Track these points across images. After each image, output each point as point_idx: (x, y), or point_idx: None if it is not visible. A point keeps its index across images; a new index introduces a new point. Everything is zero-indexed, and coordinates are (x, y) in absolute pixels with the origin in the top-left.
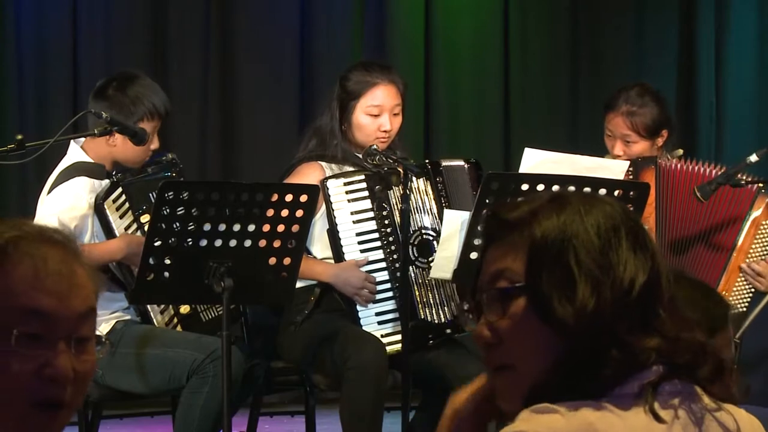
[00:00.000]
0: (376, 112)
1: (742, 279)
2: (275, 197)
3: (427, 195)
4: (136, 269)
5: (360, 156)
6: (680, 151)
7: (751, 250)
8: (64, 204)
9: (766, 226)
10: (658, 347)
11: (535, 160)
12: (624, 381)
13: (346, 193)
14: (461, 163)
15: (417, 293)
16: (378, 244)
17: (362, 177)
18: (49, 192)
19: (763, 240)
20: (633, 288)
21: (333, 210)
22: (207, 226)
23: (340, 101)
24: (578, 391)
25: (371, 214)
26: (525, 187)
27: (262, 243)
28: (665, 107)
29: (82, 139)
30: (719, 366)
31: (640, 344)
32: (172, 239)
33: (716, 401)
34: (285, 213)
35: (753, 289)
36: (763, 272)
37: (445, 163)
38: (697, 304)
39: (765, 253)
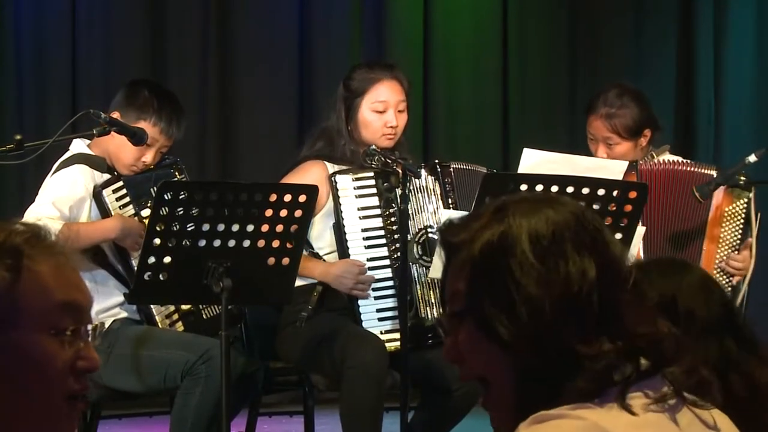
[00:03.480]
0: (381, 108)
1: (718, 272)
2: (274, 197)
3: (434, 194)
4: (132, 256)
5: None
6: (667, 147)
7: (721, 239)
8: (61, 189)
9: (729, 212)
10: (616, 350)
11: (533, 161)
12: (604, 389)
13: (355, 188)
14: (477, 168)
15: (419, 292)
16: (383, 241)
17: (371, 174)
18: (50, 177)
19: (731, 226)
20: (580, 295)
21: (340, 204)
22: (206, 227)
23: (345, 101)
24: (558, 401)
25: (378, 212)
26: (524, 187)
27: (261, 243)
28: (646, 107)
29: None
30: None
31: (593, 350)
32: (171, 239)
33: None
34: (284, 213)
35: (731, 281)
36: (742, 266)
37: (454, 165)
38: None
39: (735, 240)
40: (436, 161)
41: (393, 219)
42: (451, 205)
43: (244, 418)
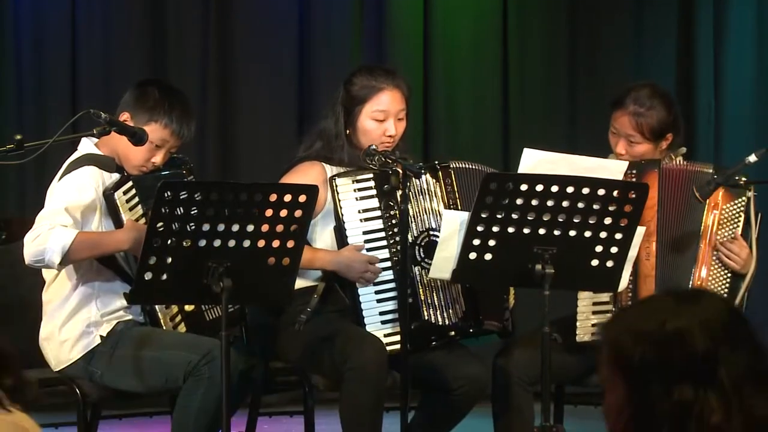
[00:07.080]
0: (382, 117)
1: (716, 264)
2: (274, 197)
3: (435, 196)
4: None
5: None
6: (683, 149)
7: (718, 237)
8: (71, 193)
9: (727, 211)
10: None
11: (533, 160)
12: None
13: (355, 191)
14: (479, 167)
15: (422, 294)
16: (384, 243)
17: (371, 176)
18: (59, 180)
19: (728, 224)
20: None
21: (341, 208)
22: (206, 227)
23: (345, 106)
24: None
25: (378, 213)
26: (524, 187)
27: (261, 243)
28: (673, 111)
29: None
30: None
31: None
32: (171, 239)
33: None
34: (284, 213)
35: (730, 274)
36: (738, 251)
37: (454, 165)
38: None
39: (731, 235)
40: (436, 162)
41: (394, 221)
42: (451, 206)
43: (244, 418)
